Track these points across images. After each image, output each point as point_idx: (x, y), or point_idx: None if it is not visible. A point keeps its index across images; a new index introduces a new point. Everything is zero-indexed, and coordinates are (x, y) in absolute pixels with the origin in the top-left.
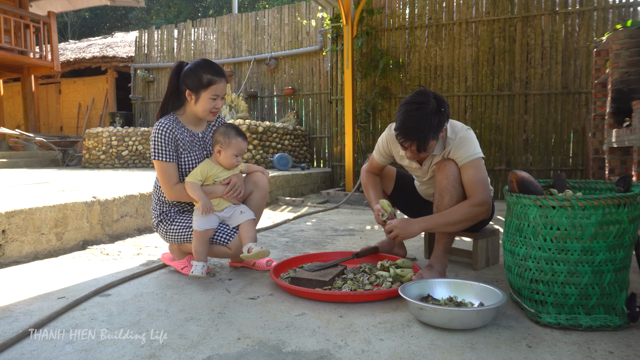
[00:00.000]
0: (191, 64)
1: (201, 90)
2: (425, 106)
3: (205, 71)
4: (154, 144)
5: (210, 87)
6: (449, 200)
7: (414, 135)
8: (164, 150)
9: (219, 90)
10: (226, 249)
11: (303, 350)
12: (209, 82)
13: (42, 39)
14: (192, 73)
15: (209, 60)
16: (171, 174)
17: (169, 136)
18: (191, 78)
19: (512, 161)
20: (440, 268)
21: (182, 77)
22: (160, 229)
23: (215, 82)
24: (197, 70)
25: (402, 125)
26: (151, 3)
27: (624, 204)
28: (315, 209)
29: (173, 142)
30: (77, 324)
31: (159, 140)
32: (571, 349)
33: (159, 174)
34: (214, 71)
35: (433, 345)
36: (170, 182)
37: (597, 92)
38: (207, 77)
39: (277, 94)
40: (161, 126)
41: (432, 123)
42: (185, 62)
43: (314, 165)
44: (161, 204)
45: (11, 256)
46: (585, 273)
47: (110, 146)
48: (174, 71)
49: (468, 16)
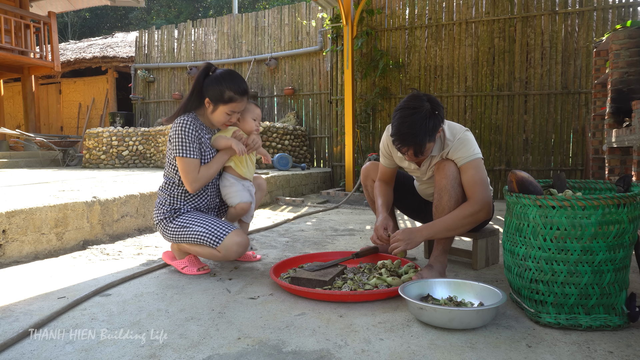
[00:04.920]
0: (218, 73)
1: (220, 103)
2: (419, 110)
3: (228, 87)
4: (179, 140)
5: (229, 104)
6: (447, 200)
7: (410, 140)
8: (190, 147)
9: (236, 108)
10: (215, 251)
11: (303, 350)
12: (229, 99)
13: (42, 39)
14: (216, 84)
15: (237, 74)
16: (196, 167)
17: (194, 134)
18: (213, 89)
19: (511, 161)
20: (440, 268)
21: (206, 84)
22: (160, 227)
23: (235, 100)
24: (221, 83)
25: (397, 132)
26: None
27: (623, 204)
28: (315, 209)
29: (197, 140)
30: (77, 323)
31: (185, 137)
32: (571, 348)
33: (183, 168)
34: (237, 89)
35: (433, 345)
36: (194, 173)
37: (597, 92)
38: (229, 94)
39: (277, 94)
40: (185, 123)
41: (427, 127)
42: (213, 66)
43: (314, 165)
44: (172, 200)
45: (11, 256)
46: (585, 273)
47: (110, 146)
48: (201, 73)
49: (468, 16)
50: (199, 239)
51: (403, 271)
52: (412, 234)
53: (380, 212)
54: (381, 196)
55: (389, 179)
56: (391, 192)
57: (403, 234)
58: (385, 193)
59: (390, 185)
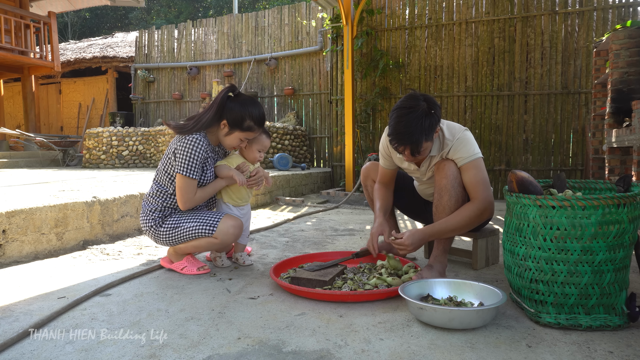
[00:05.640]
0: (243, 99)
1: (237, 129)
2: (415, 110)
3: (251, 117)
4: (187, 159)
5: (246, 132)
6: (448, 200)
7: (407, 139)
8: (195, 168)
9: (250, 137)
10: (212, 239)
11: (303, 350)
12: (248, 127)
13: (42, 39)
14: (240, 111)
15: (259, 103)
16: (194, 188)
17: (202, 155)
18: (234, 114)
19: (511, 161)
20: (440, 268)
21: (229, 106)
22: (151, 233)
23: (253, 130)
24: (244, 111)
25: (394, 131)
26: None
27: (623, 204)
28: (315, 209)
29: (202, 162)
30: (77, 323)
31: (193, 157)
32: (571, 348)
33: (182, 188)
34: (258, 120)
35: (433, 345)
36: (191, 193)
37: (597, 92)
38: (249, 123)
39: (277, 94)
40: (198, 144)
41: (423, 126)
42: (237, 89)
43: (314, 165)
44: (163, 208)
45: (11, 256)
46: (585, 273)
47: (110, 146)
48: (225, 94)
49: (468, 16)
50: (193, 233)
51: (403, 271)
52: (417, 237)
53: (377, 216)
54: (379, 200)
55: (388, 181)
56: (390, 195)
57: (409, 238)
58: (383, 196)
59: (389, 188)
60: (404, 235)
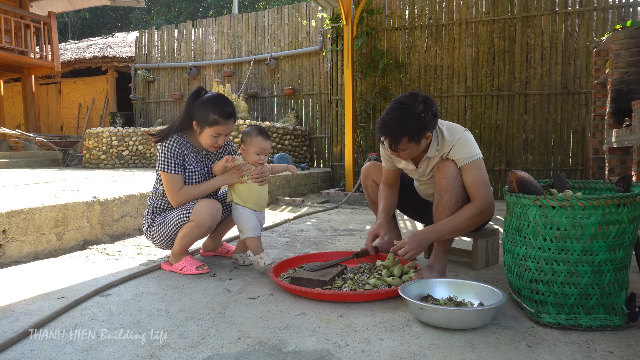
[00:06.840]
0: (206, 97)
1: (205, 126)
2: (408, 108)
3: (214, 110)
4: (163, 158)
5: (214, 127)
6: (448, 200)
7: (387, 131)
8: (172, 164)
9: (221, 131)
10: (192, 224)
11: (303, 350)
12: (213, 121)
13: (42, 39)
14: (202, 108)
15: (224, 98)
16: (177, 183)
17: (176, 152)
18: (199, 112)
19: (511, 161)
20: (440, 268)
21: (194, 107)
22: (148, 234)
23: (219, 123)
24: (207, 107)
25: (380, 120)
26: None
27: (623, 204)
28: (315, 209)
29: (180, 157)
30: (77, 323)
31: (167, 155)
32: (571, 348)
33: (166, 183)
34: (222, 112)
35: (433, 345)
36: (176, 188)
37: (597, 92)
38: (213, 117)
39: (277, 94)
40: (169, 145)
41: (406, 124)
42: (203, 90)
43: (314, 165)
44: (156, 209)
45: (11, 256)
46: (585, 273)
47: (110, 146)
48: (191, 96)
49: (468, 16)
50: (176, 222)
51: (403, 271)
52: (420, 239)
53: (378, 217)
54: (382, 200)
55: (392, 181)
56: (394, 195)
57: (412, 240)
58: (387, 197)
59: (393, 188)
60: (406, 238)
